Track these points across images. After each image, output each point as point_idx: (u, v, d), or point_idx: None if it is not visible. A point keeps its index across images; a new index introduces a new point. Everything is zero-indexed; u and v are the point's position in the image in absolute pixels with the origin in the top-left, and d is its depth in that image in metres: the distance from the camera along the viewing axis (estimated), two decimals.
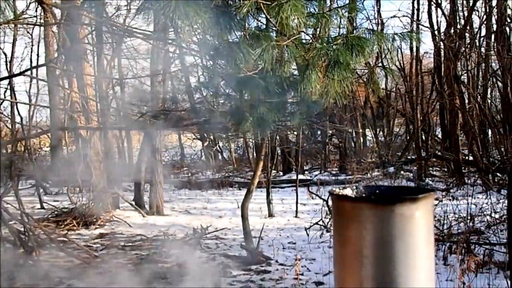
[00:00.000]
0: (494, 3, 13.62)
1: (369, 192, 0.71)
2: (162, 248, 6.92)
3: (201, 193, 12.80)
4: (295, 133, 12.03)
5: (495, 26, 13.90)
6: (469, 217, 7.30)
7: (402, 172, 14.09)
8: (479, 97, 14.25)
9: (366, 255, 0.63)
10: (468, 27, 14.22)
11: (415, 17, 15.33)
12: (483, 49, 14.82)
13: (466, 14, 14.46)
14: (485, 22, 14.62)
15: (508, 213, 4.53)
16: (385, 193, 0.71)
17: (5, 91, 14.27)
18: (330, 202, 7.86)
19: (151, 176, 9.91)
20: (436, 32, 14.43)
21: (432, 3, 14.52)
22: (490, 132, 15.59)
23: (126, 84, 12.77)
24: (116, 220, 8.86)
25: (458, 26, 13.90)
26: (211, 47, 3.86)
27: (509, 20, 13.11)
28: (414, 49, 15.20)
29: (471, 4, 13.66)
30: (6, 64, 14.64)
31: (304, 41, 3.78)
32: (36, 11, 9.96)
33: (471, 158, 13.06)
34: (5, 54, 14.82)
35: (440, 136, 17.34)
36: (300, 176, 11.93)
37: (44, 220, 8.21)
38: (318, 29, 4.13)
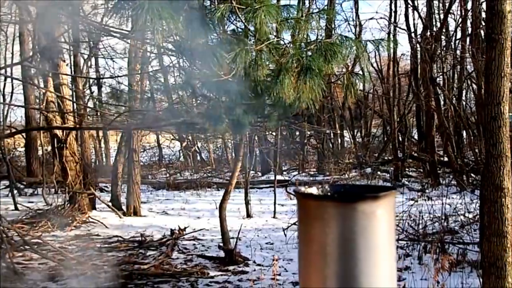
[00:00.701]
0: (469, 6, 13.89)
1: (334, 191, 0.72)
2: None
3: (179, 193, 12.72)
4: (274, 134, 12.06)
5: (470, 29, 14.17)
6: (443, 217, 7.42)
7: (379, 172, 14.25)
8: (454, 99, 14.50)
9: (329, 252, 0.64)
10: (444, 30, 14.46)
11: (392, 19, 15.53)
12: (458, 52, 15.09)
13: (442, 17, 14.71)
14: (460, 25, 14.89)
15: (480, 213, 4.63)
16: (350, 192, 0.73)
17: None
18: None
19: (128, 177, 9.82)
20: (412, 35, 14.64)
21: (409, 5, 14.74)
22: (464, 134, 15.88)
23: (103, 84, 12.65)
24: (92, 222, 8.75)
25: (434, 29, 14.13)
26: (187, 49, 3.85)
27: (483, 23, 13.37)
28: (391, 51, 15.38)
29: (447, 7, 13.90)
30: None
31: (279, 45, 3.79)
32: (10, 8, 9.76)
33: (446, 159, 13.27)
34: None
35: (416, 137, 17.60)
36: (279, 177, 11.95)
37: (18, 221, 8.05)
38: (297, 32, 4.16)
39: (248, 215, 9.29)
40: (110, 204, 9.68)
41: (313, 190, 0.70)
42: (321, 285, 0.65)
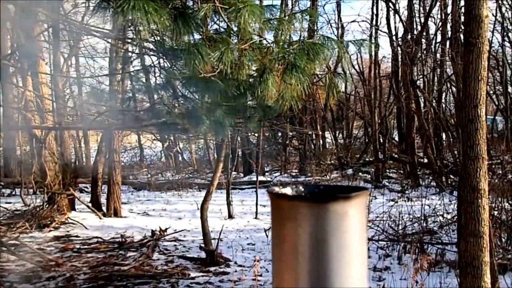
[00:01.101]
0: (449, 10, 14.11)
1: (308, 191, 0.73)
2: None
3: (160, 194, 12.65)
4: (256, 134, 12.08)
5: (450, 33, 14.39)
6: (423, 218, 7.50)
7: (360, 173, 14.36)
8: (434, 101, 14.71)
9: (302, 252, 0.65)
10: (424, 33, 14.67)
11: (374, 22, 15.69)
12: (438, 55, 15.32)
13: (422, 20, 14.91)
14: (440, 29, 15.12)
15: (458, 214, 4.70)
16: (323, 192, 0.73)
17: None
18: None
19: (109, 177, 9.72)
20: (393, 38, 14.81)
21: (390, 9, 14.90)
22: (444, 136, 16.12)
23: (84, 83, 12.52)
24: (71, 223, 8.64)
25: (415, 32, 14.31)
26: (169, 48, 3.84)
27: (463, 27, 13.57)
28: (373, 53, 15.55)
29: (427, 11, 14.10)
30: None
31: (262, 45, 3.80)
32: None
33: (426, 160, 13.45)
34: None
35: (397, 138, 17.79)
36: (261, 178, 11.97)
37: None
38: (280, 33, 4.17)
39: (230, 216, 9.28)
40: (90, 205, 9.57)
41: (287, 190, 0.71)
42: (294, 284, 0.66)
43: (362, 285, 0.66)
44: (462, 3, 11.54)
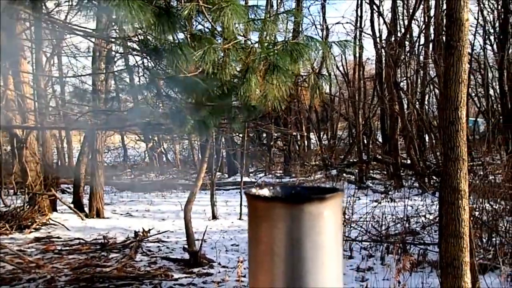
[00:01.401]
0: (432, 13, 14.28)
1: (285, 192, 0.73)
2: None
3: (144, 195, 12.57)
4: (240, 135, 12.07)
5: (432, 36, 14.56)
6: (405, 219, 7.57)
7: (344, 174, 14.44)
8: (417, 103, 14.87)
9: (277, 253, 0.65)
10: (407, 36, 14.82)
11: (358, 24, 15.81)
12: (421, 57, 15.50)
13: (406, 23, 15.07)
14: (423, 31, 15.29)
15: (439, 215, 4.75)
16: (299, 193, 0.74)
17: None
18: None
19: (92, 178, 9.62)
20: (377, 39, 14.94)
21: (374, 11, 15.03)
22: (427, 137, 16.30)
23: (66, 83, 12.40)
24: (53, 224, 8.53)
25: (399, 34, 14.46)
26: (153, 48, 3.82)
27: (445, 30, 13.72)
28: (357, 55, 15.67)
29: (410, 14, 14.25)
30: None
31: (246, 45, 3.80)
32: None
33: (409, 161, 13.58)
34: None
35: (380, 140, 17.94)
36: (245, 178, 11.97)
37: None
38: (264, 33, 4.18)
39: (214, 217, 9.25)
40: (72, 205, 9.46)
41: (264, 192, 0.71)
42: (270, 285, 0.66)
43: (337, 286, 0.66)
44: (445, 6, 11.68)
